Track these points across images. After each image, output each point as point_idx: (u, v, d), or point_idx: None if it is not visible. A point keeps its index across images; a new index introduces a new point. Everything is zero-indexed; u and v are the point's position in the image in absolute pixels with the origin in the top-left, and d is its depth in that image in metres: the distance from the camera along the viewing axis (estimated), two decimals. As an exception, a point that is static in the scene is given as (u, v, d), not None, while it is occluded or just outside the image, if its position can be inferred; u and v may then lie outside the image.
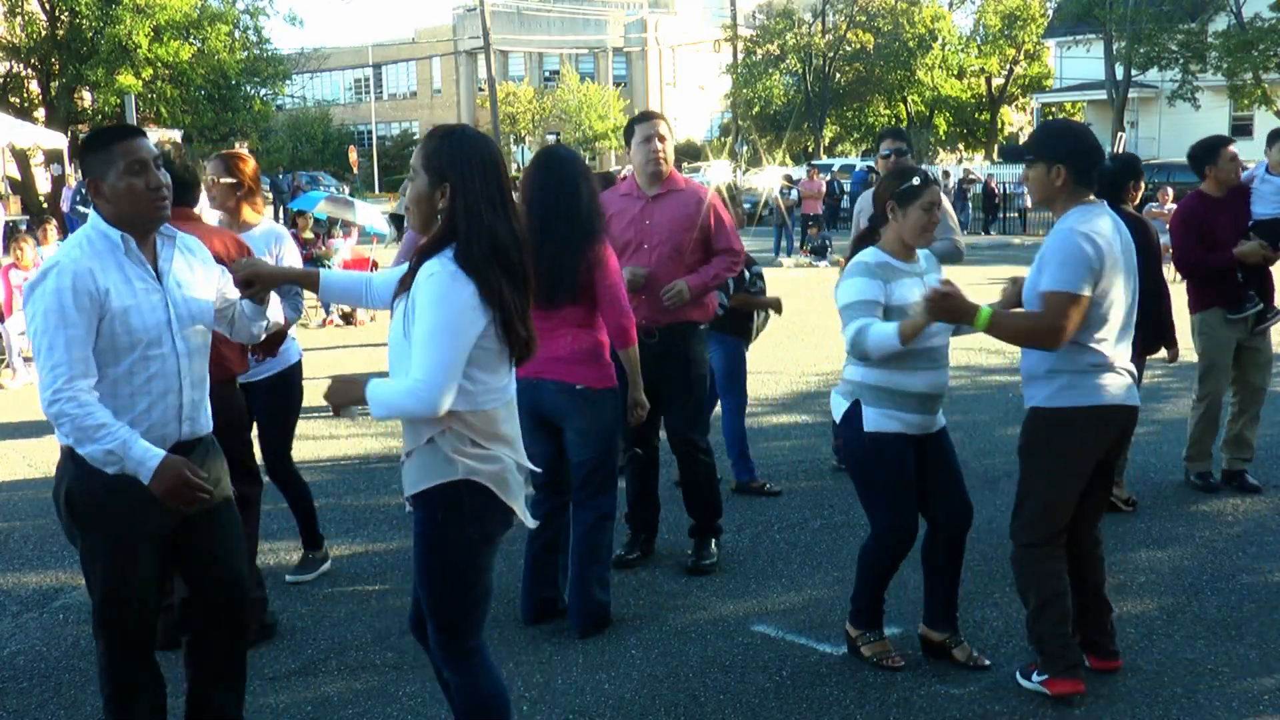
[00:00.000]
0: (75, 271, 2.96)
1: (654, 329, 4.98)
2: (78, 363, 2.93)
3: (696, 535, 5.27)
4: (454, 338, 2.77)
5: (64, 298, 2.92)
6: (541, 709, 3.91)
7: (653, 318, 4.98)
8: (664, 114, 5.36)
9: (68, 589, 5.12)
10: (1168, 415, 7.81)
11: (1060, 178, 3.75)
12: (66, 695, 4.09)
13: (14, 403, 9.49)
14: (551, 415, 4.44)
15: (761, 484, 6.34)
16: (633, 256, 5.01)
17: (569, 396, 4.36)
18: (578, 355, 4.35)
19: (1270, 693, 3.96)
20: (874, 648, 4.20)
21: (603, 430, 4.45)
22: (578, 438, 4.46)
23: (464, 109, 58.92)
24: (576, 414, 4.41)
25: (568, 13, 57.78)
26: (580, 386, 4.36)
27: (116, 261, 3.04)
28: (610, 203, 5.14)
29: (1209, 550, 5.38)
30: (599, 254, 4.32)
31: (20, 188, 29.21)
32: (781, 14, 46.63)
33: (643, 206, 5.08)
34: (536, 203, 4.29)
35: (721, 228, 5.12)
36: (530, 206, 4.26)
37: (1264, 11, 30.48)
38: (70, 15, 29.35)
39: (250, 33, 32.81)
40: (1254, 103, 33.14)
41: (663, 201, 5.07)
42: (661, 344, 5.01)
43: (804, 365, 10.19)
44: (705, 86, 58.60)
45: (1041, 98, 44.22)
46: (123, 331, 3.00)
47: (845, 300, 3.98)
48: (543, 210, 4.27)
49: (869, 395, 3.99)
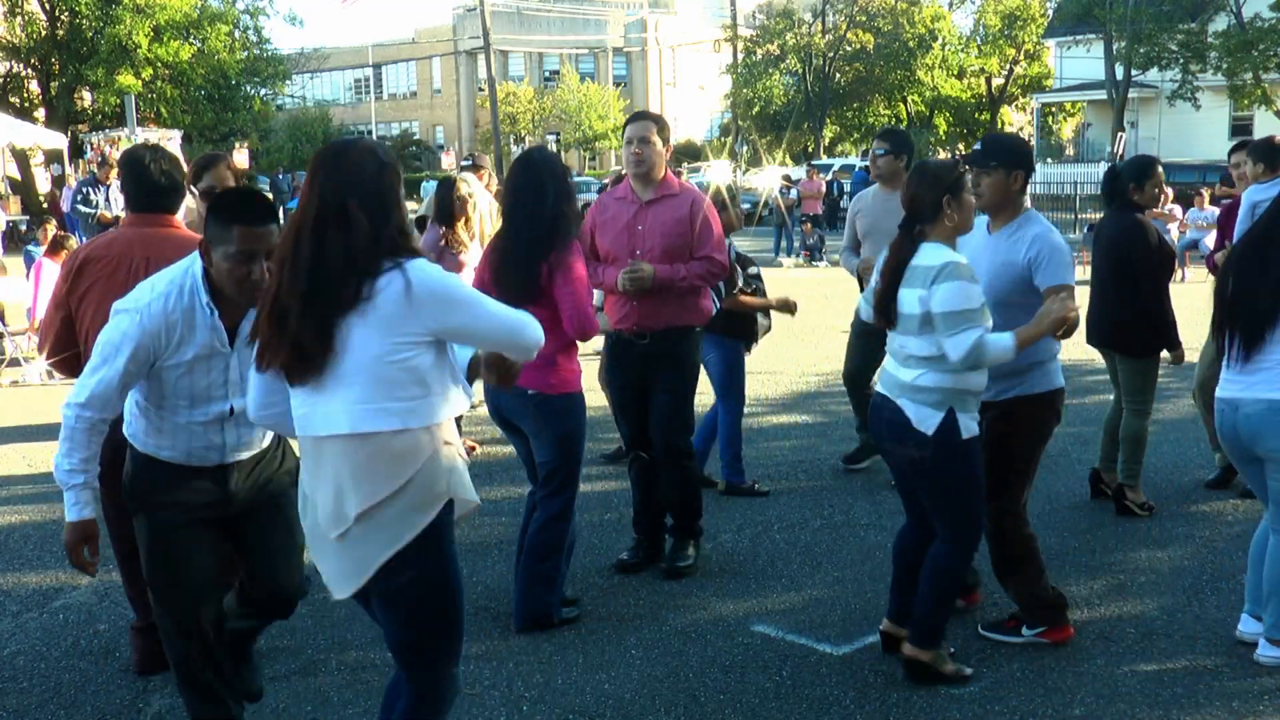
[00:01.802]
0: (147, 324, 3.10)
1: (645, 332, 4.97)
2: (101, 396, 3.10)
3: (675, 536, 5.24)
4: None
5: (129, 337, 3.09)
6: (541, 709, 3.91)
7: (644, 322, 4.96)
8: (661, 115, 5.23)
9: (68, 589, 5.12)
10: (1168, 415, 7.80)
11: (1017, 183, 4.14)
12: (66, 695, 4.09)
13: (14, 403, 9.49)
14: (510, 418, 4.55)
15: (751, 485, 6.34)
16: (624, 262, 4.93)
17: (523, 401, 4.41)
18: (534, 361, 4.32)
19: (1270, 693, 3.96)
20: (953, 662, 4.07)
21: (559, 434, 4.46)
22: (534, 440, 4.53)
23: (464, 109, 58.95)
24: (530, 419, 4.47)
25: (568, 13, 57.78)
26: (532, 392, 4.38)
27: (198, 319, 3.15)
28: (606, 206, 5.13)
29: (1209, 550, 5.38)
30: (561, 258, 4.29)
31: (20, 188, 29.20)
32: (781, 14, 46.63)
33: (636, 211, 4.99)
34: (507, 204, 4.43)
35: (708, 235, 5.00)
36: (504, 208, 4.48)
37: (1264, 11, 30.49)
38: (70, 15, 29.38)
39: (250, 33, 32.86)
40: (1254, 103, 33.15)
41: (656, 207, 4.97)
42: (653, 345, 4.99)
43: (804, 365, 10.18)
44: (705, 86, 58.60)
45: (1041, 98, 44.22)
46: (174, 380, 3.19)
47: (955, 307, 3.68)
48: (510, 211, 4.40)
49: (960, 401, 3.84)
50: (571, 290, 4.30)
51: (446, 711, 2.91)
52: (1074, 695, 3.93)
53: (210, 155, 4.87)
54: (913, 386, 3.85)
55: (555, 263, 4.30)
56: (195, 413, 3.24)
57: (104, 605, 4.82)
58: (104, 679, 4.19)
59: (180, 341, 3.11)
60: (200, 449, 3.29)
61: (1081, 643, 4.35)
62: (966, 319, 3.69)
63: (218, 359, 3.20)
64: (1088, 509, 5.92)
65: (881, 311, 3.93)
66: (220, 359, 3.21)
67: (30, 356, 10.94)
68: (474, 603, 4.86)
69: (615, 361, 5.17)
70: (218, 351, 3.19)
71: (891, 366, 3.98)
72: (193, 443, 3.28)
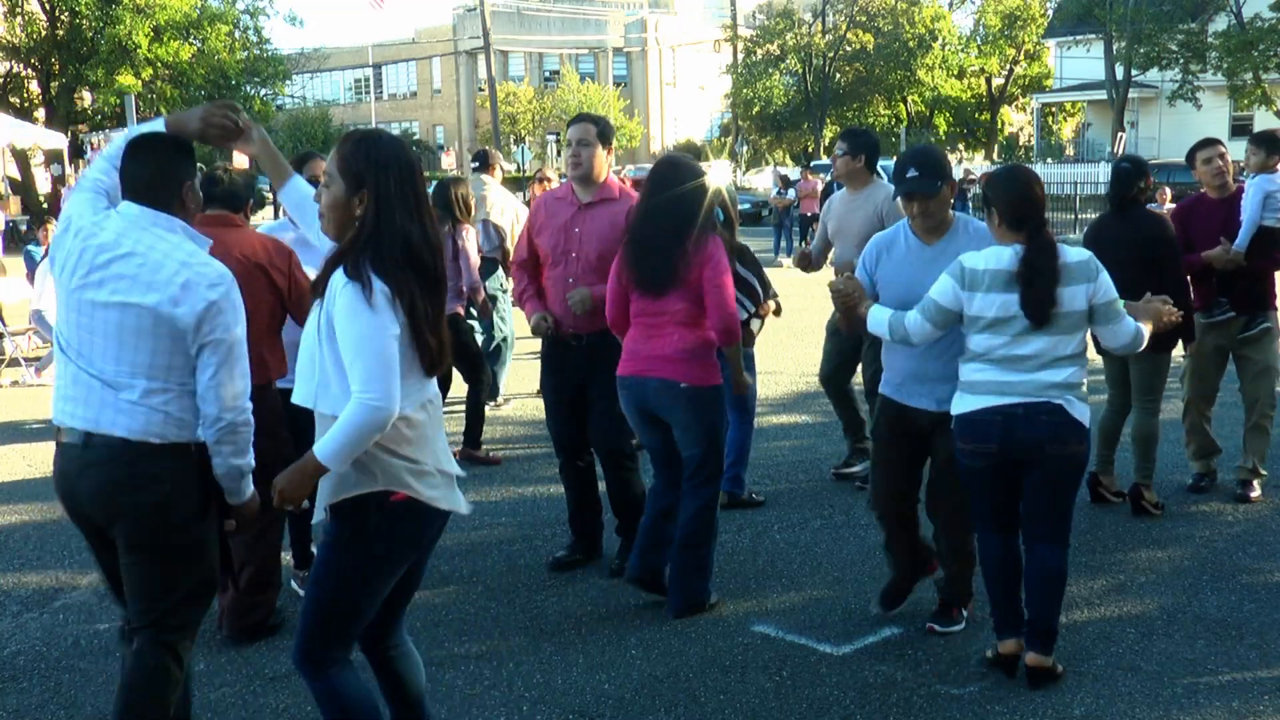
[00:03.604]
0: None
1: (583, 335, 4.95)
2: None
3: (622, 536, 5.22)
4: (379, 338, 2.74)
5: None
6: (541, 709, 3.91)
7: (580, 325, 4.94)
8: (604, 117, 5.20)
9: (68, 589, 5.13)
10: (1166, 415, 7.78)
11: (954, 192, 4.29)
12: (66, 695, 4.09)
13: (14, 403, 9.49)
14: (656, 411, 4.60)
15: (749, 495, 6.23)
16: (561, 264, 4.95)
17: (673, 394, 4.51)
18: (683, 353, 4.50)
19: (1270, 693, 3.96)
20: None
21: (709, 425, 4.57)
22: (683, 434, 4.59)
23: (464, 109, 58.94)
24: (680, 411, 4.54)
25: (568, 13, 57.77)
26: (684, 385, 4.48)
27: None
28: (547, 206, 5.12)
29: (1209, 550, 5.38)
30: (708, 251, 4.44)
31: (20, 188, 29.24)
32: (781, 14, 46.62)
33: (574, 214, 4.99)
34: (648, 197, 4.55)
35: None
36: (645, 202, 4.56)
37: (1264, 11, 30.48)
38: (70, 15, 29.36)
39: (250, 33, 32.81)
40: (1254, 103, 33.14)
41: (594, 210, 4.97)
42: (589, 349, 4.97)
43: (804, 365, 10.16)
44: (705, 86, 58.59)
45: (1041, 98, 44.23)
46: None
47: (1116, 294, 3.93)
48: (652, 205, 4.52)
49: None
50: (717, 282, 4.44)
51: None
52: (1074, 695, 3.93)
53: (306, 152, 5.54)
54: (1068, 384, 3.89)
55: (700, 256, 4.43)
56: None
57: (104, 605, 4.81)
58: (104, 679, 4.19)
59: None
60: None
61: (1081, 643, 4.35)
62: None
63: None
64: (1087, 509, 5.91)
65: (1040, 314, 3.82)
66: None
67: (30, 357, 10.94)
68: (474, 603, 4.86)
69: (553, 364, 5.15)
70: None
71: (1029, 369, 3.87)
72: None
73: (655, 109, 57.91)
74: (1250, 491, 6.10)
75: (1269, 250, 5.97)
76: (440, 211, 7.06)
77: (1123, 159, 6.00)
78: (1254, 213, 5.91)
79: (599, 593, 4.96)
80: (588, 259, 4.92)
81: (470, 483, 6.32)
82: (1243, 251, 5.90)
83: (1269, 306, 6.10)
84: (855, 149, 6.21)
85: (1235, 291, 5.97)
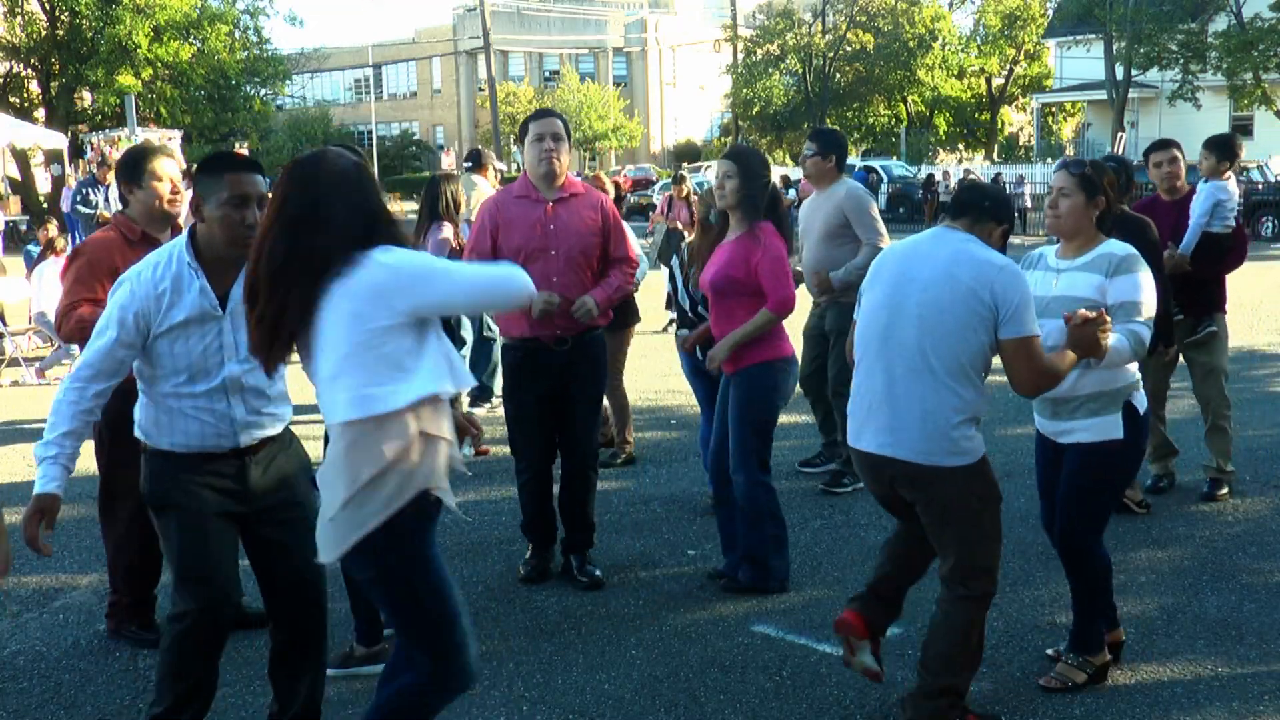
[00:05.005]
0: (138, 289, 3.18)
1: (567, 337, 4.87)
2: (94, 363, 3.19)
3: (577, 550, 5.10)
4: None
5: (121, 304, 3.18)
6: (541, 709, 3.92)
7: (566, 327, 4.84)
8: (563, 114, 5.09)
9: (68, 589, 5.13)
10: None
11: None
12: (66, 695, 4.09)
13: (14, 403, 9.49)
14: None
15: None
16: (538, 262, 4.73)
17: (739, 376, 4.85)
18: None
19: (1270, 693, 3.96)
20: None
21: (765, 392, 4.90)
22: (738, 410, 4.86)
23: (464, 109, 58.96)
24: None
25: (568, 13, 57.80)
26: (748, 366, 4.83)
27: (184, 283, 3.21)
28: (504, 205, 4.96)
29: (1209, 550, 5.39)
30: (758, 235, 4.77)
31: (20, 188, 29.24)
32: (781, 14, 46.69)
33: (544, 211, 4.86)
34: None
35: (620, 234, 5.01)
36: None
37: (1264, 11, 30.53)
38: (70, 15, 29.40)
39: (250, 33, 32.87)
40: (1254, 103, 33.20)
41: (566, 205, 4.88)
42: (571, 351, 4.90)
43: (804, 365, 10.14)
44: (705, 86, 58.61)
45: (1041, 98, 44.26)
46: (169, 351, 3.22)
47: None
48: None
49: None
50: (773, 258, 4.74)
51: (447, 698, 2.93)
52: (1074, 695, 3.93)
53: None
54: (1108, 390, 3.91)
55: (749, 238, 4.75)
56: (197, 385, 3.23)
57: (104, 605, 4.81)
58: (104, 679, 4.19)
59: (169, 306, 3.18)
60: (212, 430, 3.27)
61: (1081, 643, 4.34)
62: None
63: (210, 324, 3.23)
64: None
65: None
66: (214, 324, 3.23)
67: (30, 357, 10.94)
68: (474, 603, 4.85)
69: (530, 372, 4.95)
70: (210, 315, 3.22)
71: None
72: (204, 424, 3.26)
73: (655, 109, 57.95)
74: (1218, 490, 6.12)
75: (1217, 255, 5.96)
76: (429, 210, 7.05)
77: (1108, 159, 5.98)
78: (1199, 219, 5.92)
79: (599, 593, 4.96)
80: (568, 254, 4.82)
81: (470, 483, 6.33)
82: (1188, 256, 5.90)
83: (1216, 309, 6.09)
84: (826, 149, 6.23)
85: (1184, 295, 5.90)
